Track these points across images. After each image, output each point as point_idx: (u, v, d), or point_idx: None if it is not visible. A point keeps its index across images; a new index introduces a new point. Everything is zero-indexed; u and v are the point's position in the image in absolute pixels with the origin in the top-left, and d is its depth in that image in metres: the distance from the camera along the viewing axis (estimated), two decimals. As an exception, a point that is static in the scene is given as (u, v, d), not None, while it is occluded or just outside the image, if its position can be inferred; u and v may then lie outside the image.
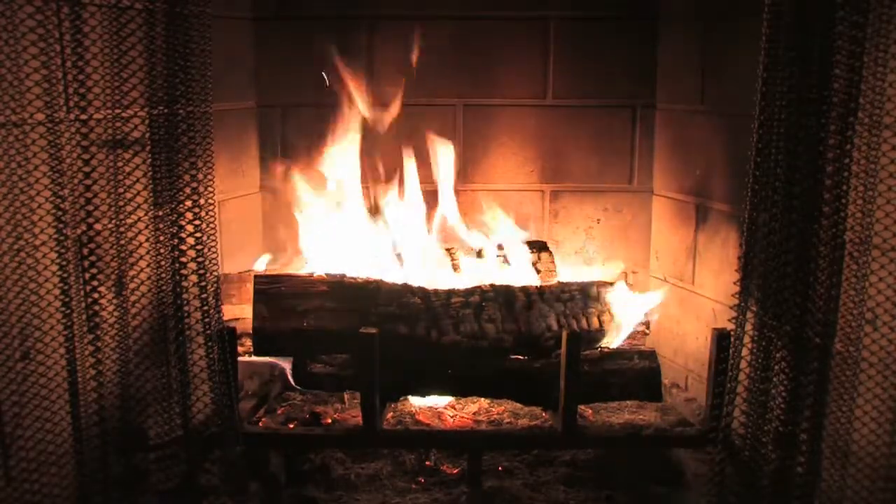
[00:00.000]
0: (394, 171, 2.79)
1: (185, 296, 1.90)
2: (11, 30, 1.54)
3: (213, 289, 1.96)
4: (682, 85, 2.74)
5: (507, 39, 2.89)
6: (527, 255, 2.69)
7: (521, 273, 2.63)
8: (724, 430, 1.87)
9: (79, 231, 1.71)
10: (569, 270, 2.81)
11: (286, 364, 2.41)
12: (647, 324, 2.43)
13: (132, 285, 1.85)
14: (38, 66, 1.60)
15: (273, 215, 2.96)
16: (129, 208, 1.82)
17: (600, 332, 2.31)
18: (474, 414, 2.49)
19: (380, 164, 2.81)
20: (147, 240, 1.87)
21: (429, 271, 2.60)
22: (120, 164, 1.81)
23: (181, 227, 1.89)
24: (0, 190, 1.56)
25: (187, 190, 1.90)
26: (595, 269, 2.88)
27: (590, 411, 2.46)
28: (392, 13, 2.88)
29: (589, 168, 2.96)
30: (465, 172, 2.92)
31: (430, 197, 2.85)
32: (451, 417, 2.47)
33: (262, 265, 2.81)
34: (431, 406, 2.50)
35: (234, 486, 2.01)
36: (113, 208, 1.80)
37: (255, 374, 2.45)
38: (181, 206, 1.89)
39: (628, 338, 2.40)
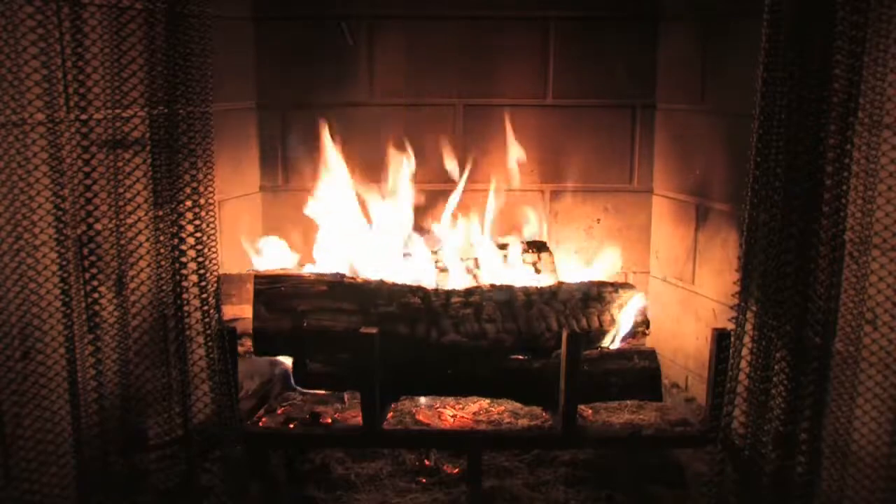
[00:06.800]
0: (395, 171, 2.80)
1: (185, 296, 1.90)
2: (11, 30, 1.54)
3: (213, 289, 1.96)
4: (682, 85, 2.74)
5: (507, 39, 2.89)
6: (527, 255, 2.70)
7: (520, 273, 2.63)
8: (724, 430, 1.87)
9: (79, 231, 1.71)
10: (569, 270, 2.81)
11: (286, 364, 2.41)
12: (646, 324, 2.43)
13: (132, 285, 1.85)
14: (38, 66, 1.60)
15: (273, 215, 2.96)
16: (129, 208, 1.82)
17: (600, 332, 2.31)
18: (474, 414, 2.49)
19: (380, 164, 2.81)
20: (147, 240, 1.87)
21: (429, 272, 2.61)
22: (120, 164, 1.81)
23: (181, 227, 1.89)
24: (0, 190, 1.56)
25: (187, 190, 1.90)
26: (595, 269, 2.88)
27: (590, 411, 2.46)
28: (392, 13, 2.88)
29: (589, 168, 2.96)
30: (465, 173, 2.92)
31: (433, 197, 2.86)
32: (451, 417, 2.47)
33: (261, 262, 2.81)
34: (431, 406, 2.51)
35: (234, 486, 2.01)
36: (113, 208, 1.80)
37: (255, 374, 2.45)
38: (181, 206, 1.89)
39: (629, 337, 2.40)
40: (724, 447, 1.87)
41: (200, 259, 1.92)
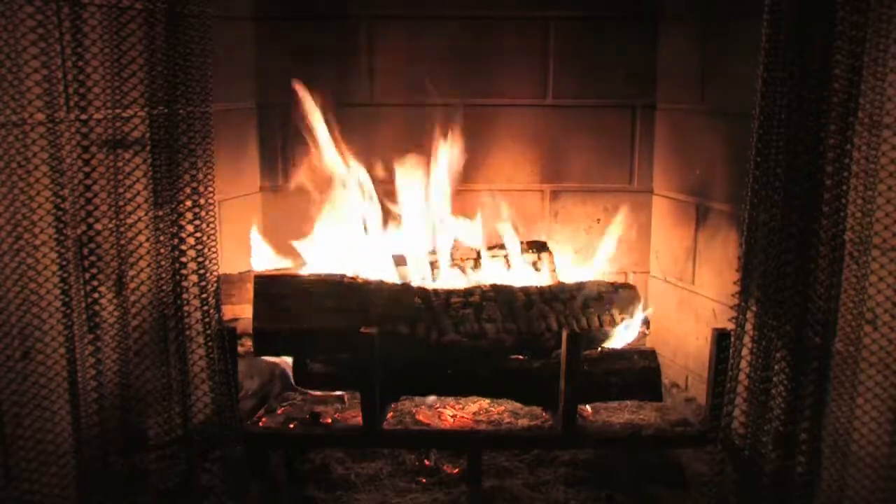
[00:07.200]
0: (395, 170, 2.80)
1: (185, 296, 1.90)
2: (11, 30, 1.54)
3: (213, 289, 1.96)
4: (682, 85, 2.74)
5: (507, 39, 2.89)
6: (527, 256, 2.69)
7: (520, 273, 2.63)
8: (724, 430, 1.87)
9: (79, 231, 1.71)
10: (569, 270, 2.81)
11: (286, 364, 2.41)
12: (647, 324, 2.43)
13: (132, 285, 1.85)
14: (38, 66, 1.60)
15: (273, 215, 2.96)
16: (129, 208, 1.82)
17: (600, 332, 2.31)
18: (474, 414, 2.49)
19: (381, 164, 2.81)
20: (147, 240, 1.87)
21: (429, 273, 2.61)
22: (120, 164, 1.81)
23: (181, 227, 1.89)
24: (0, 190, 1.56)
25: (187, 190, 1.90)
26: (595, 269, 2.88)
27: (590, 411, 2.46)
28: (392, 13, 2.88)
29: (589, 168, 2.96)
30: (465, 172, 2.92)
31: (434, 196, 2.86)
32: (451, 417, 2.47)
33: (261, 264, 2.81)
34: (431, 406, 2.51)
35: (234, 486, 2.01)
36: (113, 208, 1.80)
37: (255, 374, 2.45)
38: (181, 206, 1.89)
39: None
40: (724, 447, 1.87)
41: (200, 259, 1.92)
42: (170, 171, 1.87)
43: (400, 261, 2.66)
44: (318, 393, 2.49)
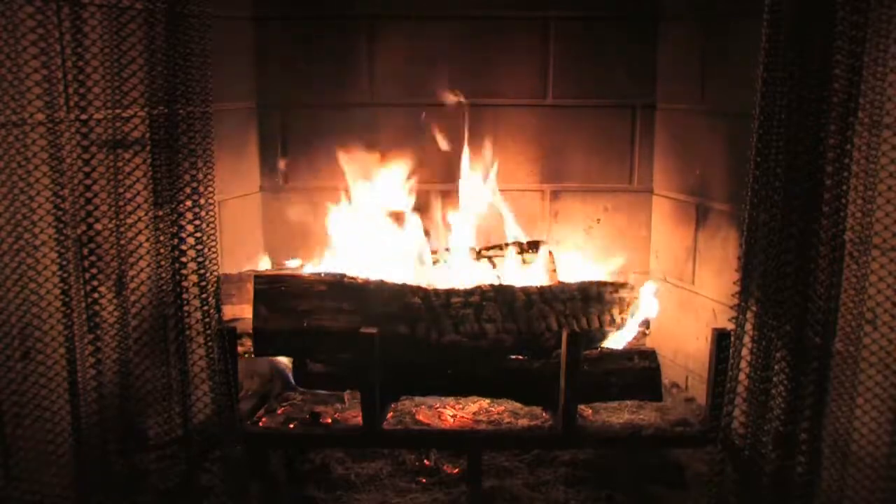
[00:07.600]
0: (396, 170, 2.80)
1: (185, 296, 1.90)
2: (11, 30, 1.54)
3: (213, 289, 1.96)
4: (682, 85, 2.74)
5: (507, 39, 2.89)
6: (527, 255, 2.69)
7: (520, 273, 2.63)
8: (724, 430, 1.87)
9: (79, 231, 1.71)
10: (569, 270, 2.81)
11: (286, 364, 2.41)
12: (647, 324, 2.43)
13: (132, 285, 1.85)
14: (38, 66, 1.60)
15: (273, 215, 2.96)
16: (129, 208, 1.82)
17: (600, 332, 2.31)
18: (474, 414, 2.49)
19: (381, 164, 2.81)
20: (147, 240, 1.87)
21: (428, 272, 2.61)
22: (120, 164, 1.81)
23: (181, 227, 1.89)
24: (0, 190, 1.56)
25: (187, 190, 1.90)
26: (595, 269, 2.88)
27: (589, 411, 2.46)
28: (392, 13, 2.88)
29: (589, 168, 2.96)
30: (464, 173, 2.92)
31: (434, 197, 2.87)
32: (451, 417, 2.47)
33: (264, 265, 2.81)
34: (432, 406, 2.51)
35: (234, 486, 2.01)
36: (113, 208, 1.80)
37: (255, 374, 2.45)
38: (181, 206, 1.89)
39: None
40: (724, 447, 1.87)
41: (200, 259, 1.92)
42: (170, 171, 1.87)
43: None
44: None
